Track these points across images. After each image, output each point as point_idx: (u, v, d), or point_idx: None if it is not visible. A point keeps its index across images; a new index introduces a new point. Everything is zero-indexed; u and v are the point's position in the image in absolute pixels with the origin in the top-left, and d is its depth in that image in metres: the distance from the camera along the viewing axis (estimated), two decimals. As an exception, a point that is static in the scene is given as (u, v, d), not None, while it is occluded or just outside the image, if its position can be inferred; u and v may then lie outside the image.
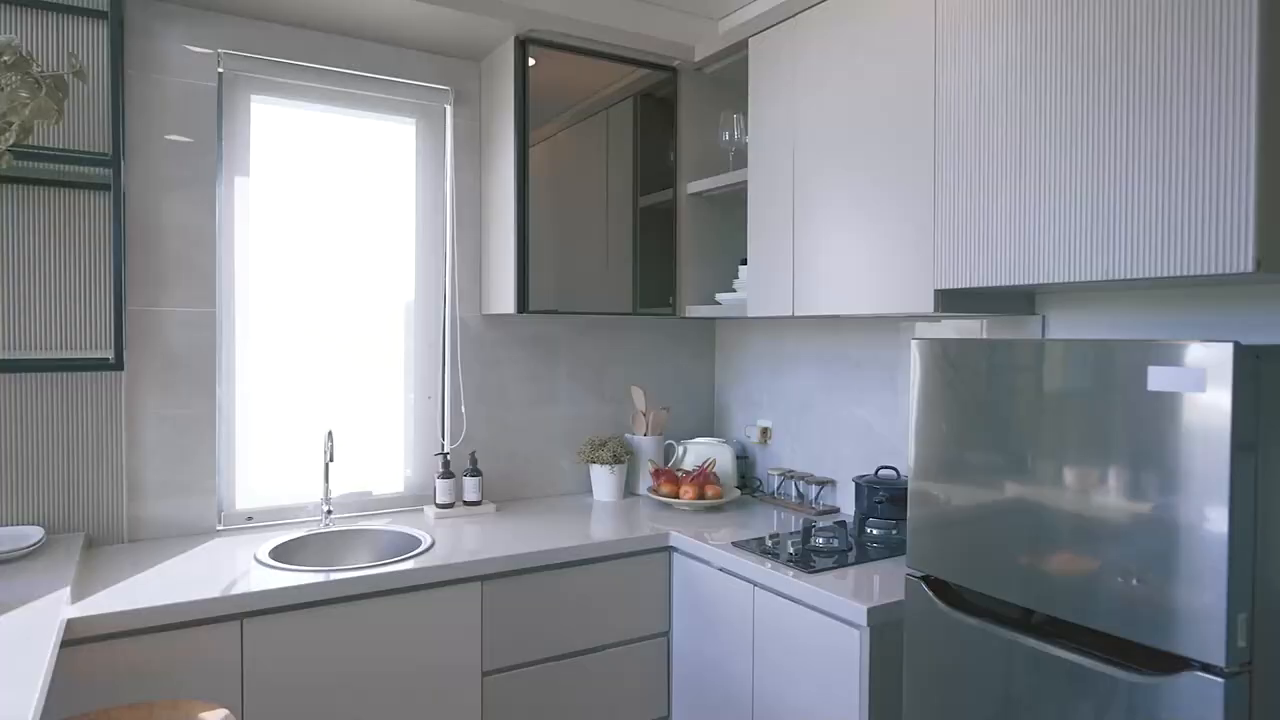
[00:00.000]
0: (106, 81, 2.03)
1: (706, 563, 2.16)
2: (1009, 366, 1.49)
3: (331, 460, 2.22)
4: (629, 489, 2.77)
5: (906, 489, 1.69)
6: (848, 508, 2.48)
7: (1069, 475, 1.38)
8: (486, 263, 2.59)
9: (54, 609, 1.52)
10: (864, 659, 1.70)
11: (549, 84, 2.44)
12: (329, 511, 2.27)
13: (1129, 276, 1.42)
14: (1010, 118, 1.61)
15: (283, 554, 2.10)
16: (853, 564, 1.99)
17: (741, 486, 2.80)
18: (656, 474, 2.61)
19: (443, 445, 2.59)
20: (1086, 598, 1.35)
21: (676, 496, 2.53)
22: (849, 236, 2.01)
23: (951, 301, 1.81)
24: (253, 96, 2.31)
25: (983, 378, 1.53)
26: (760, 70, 2.31)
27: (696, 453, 2.75)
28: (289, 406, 2.39)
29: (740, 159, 2.58)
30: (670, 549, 2.30)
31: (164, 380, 2.16)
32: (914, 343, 1.67)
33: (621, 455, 2.66)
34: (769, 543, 2.14)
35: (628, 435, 2.79)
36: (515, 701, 2.08)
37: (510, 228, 2.41)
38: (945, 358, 1.60)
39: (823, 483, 2.54)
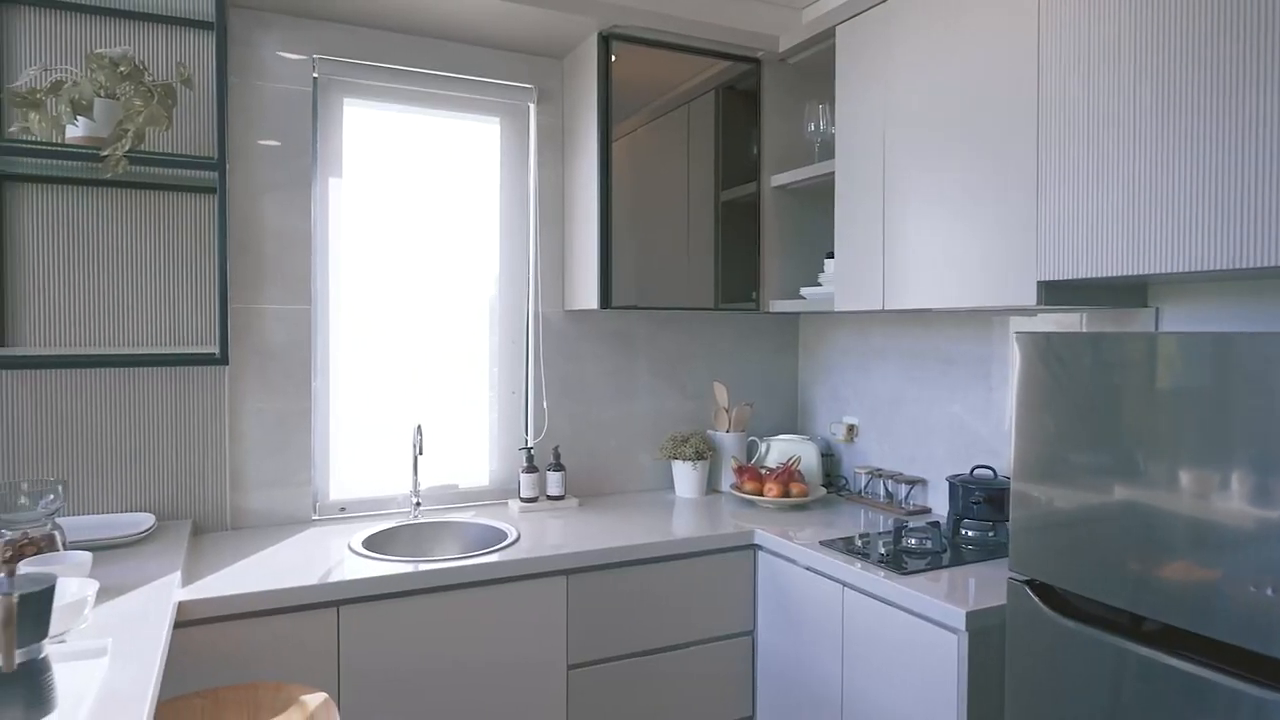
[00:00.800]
0: (212, 89, 2.12)
1: (793, 561, 2.12)
2: (1120, 361, 1.40)
3: (421, 453, 2.26)
4: (711, 486, 2.75)
5: (1005, 489, 1.62)
6: (939, 508, 2.40)
7: (1185, 477, 1.30)
8: (569, 259, 2.61)
9: (167, 592, 1.59)
10: (962, 664, 1.63)
11: (630, 79, 2.43)
12: (418, 504, 2.32)
13: (1255, 265, 1.32)
14: (1121, 97, 1.52)
15: (375, 544, 2.16)
16: (947, 566, 1.92)
17: (826, 485, 2.74)
18: (740, 471, 2.57)
19: (526, 440, 2.62)
20: (1208, 606, 1.26)
21: (760, 494, 2.49)
22: (943, 227, 1.94)
23: (1055, 294, 1.72)
24: (345, 100, 2.38)
25: (1090, 373, 1.45)
26: (848, 58, 2.26)
27: (780, 450, 2.70)
28: (379, 401, 2.45)
29: (826, 150, 2.52)
30: (755, 547, 2.27)
31: (263, 375, 2.25)
32: (1016, 336, 1.59)
33: (704, 452, 2.64)
34: (859, 542, 2.08)
35: (709, 431, 2.76)
36: (599, 696, 2.08)
37: (593, 223, 2.42)
38: (1050, 352, 1.52)
39: (913, 482, 2.46)
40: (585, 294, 2.48)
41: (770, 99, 2.64)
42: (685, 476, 2.65)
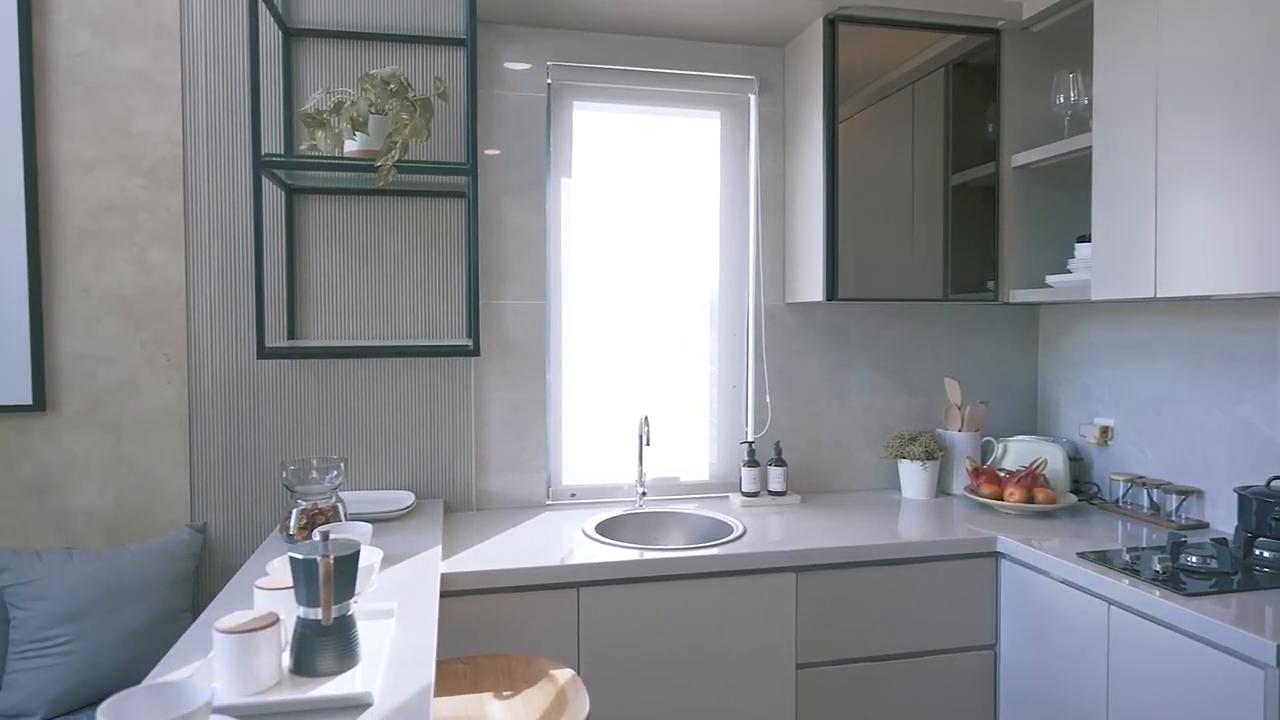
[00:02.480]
0: (464, 101, 2.29)
1: (1044, 573, 1.95)
2: None
3: (649, 444, 2.31)
4: (941, 487, 2.60)
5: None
6: (1220, 524, 2.11)
7: None
8: (791, 250, 2.56)
9: (433, 563, 1.73)
10: (1271, 704, 1.42)
11: (851, 63, 2.34)
12: (643, 493, 2.38)
13: None
14: None
15: (606, 530, 2.23)
16: (1237, 590, 1.68)
17: (1075, 491, 2.50)
18: (975, 473, 2.41)
19: (747, 434, 2.60)
20: None
21: (1000, 498, 2.32)
22: (1235, 202, 1.69)
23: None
24: (574, 103, 2.48)
25: None
26: (1109, 18, 2.03)
27: (1019, 451, 2.50)
28: (605, 392, 2.54)
29: (1078, 124, 2.29)
30: (998, 555, 2.11)
31: (504, 366, 2.39)
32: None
33: (934, 451, 2.49)
34: (1126, 557, 1.87)
35: (939, 430, 2.61)
36: (829, 698, 2.02)
37: (818, 213, 2.36)
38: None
39: (1185, 492, 2.18)
40: (808, 286, 2.43)
41: (1011, 72, 2.44)
42: (913, 477, 2.52)
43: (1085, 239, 2.22)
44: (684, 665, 1.94)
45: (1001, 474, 2.38)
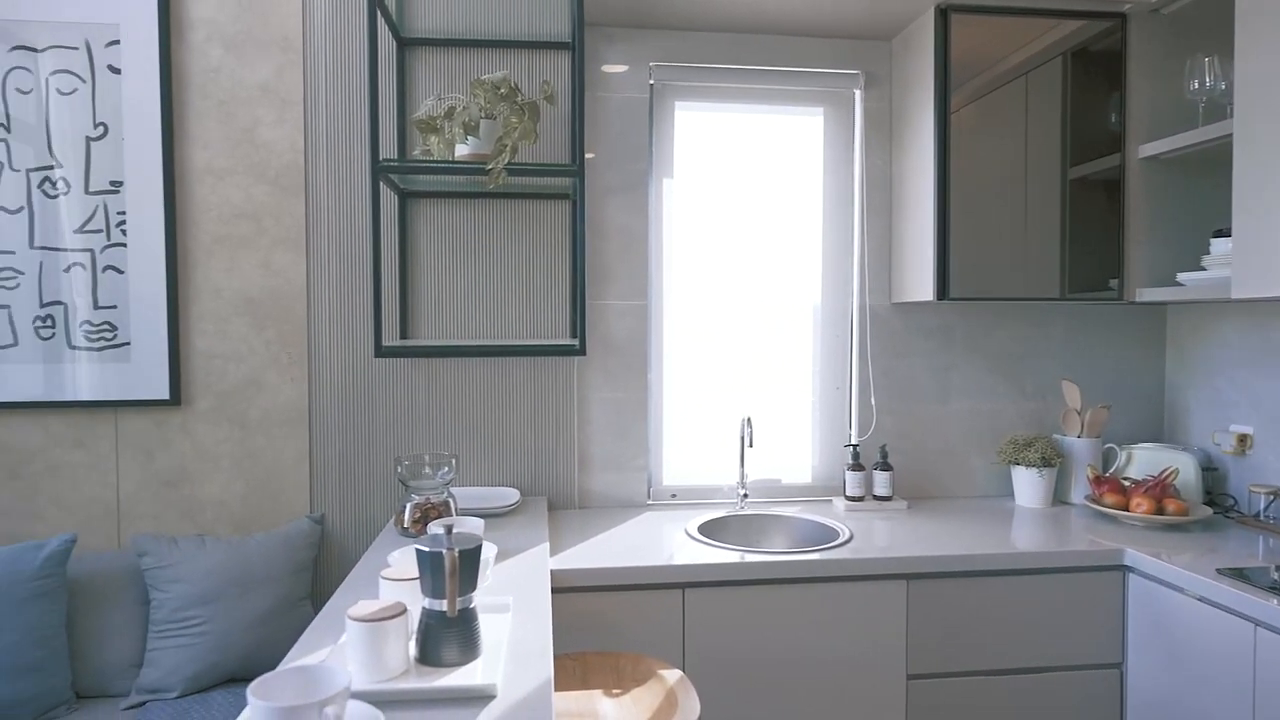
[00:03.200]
0: (568, 103, 2.33)
1: (1180, 590, 1.83)
2: None
3: (751, 445, 2.29)
4: (1058, 496, 2.47)
5: None
6: (1381, 541, 1.94)
7: None
8: (897, 249, 2.49)
9: (542, 559, 1.76)
10: None
11: (961, 54, 2.26)
12: (745, 495, 2.35)
13: None
14: None
15: (707, 532, 2.22)
16: (1407, 615, 1.54)
17: (1208, 503, 2.34)
18: (1098, 481, 2.28)
19: (850, 436, 2.54)
20: None
21: (1125, 509, 2.19)
22: None
23: None
24: (676, 103, 2.48)
25: None
26: (1256, -4, 1.89)
27: (1144, 460, 2.36)
28: (706, 393, 2.52)
29: (1214, 111, 2.15)
30: (1124, 568, 1.99)
31: (606, 366, 2.41)
32: None
33: (1051, 458, 2.38)
34: (1276, 575, 1.74)
35: (1056, 436, 2.48)
36: (941, 712, 1.95)
37: (927, 211, 2.28)
38: None
39: (1339, 507, 2.01)
40: (916, 285, 2.35)
41: (1138, 57, 2.31)
42: (1028, 484, 2.41)
43: (1222, 233, 2.08)
44: (791, 670, 1.91)
45: (1127, 483, 2.26)
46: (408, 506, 1.93)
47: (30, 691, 1.84)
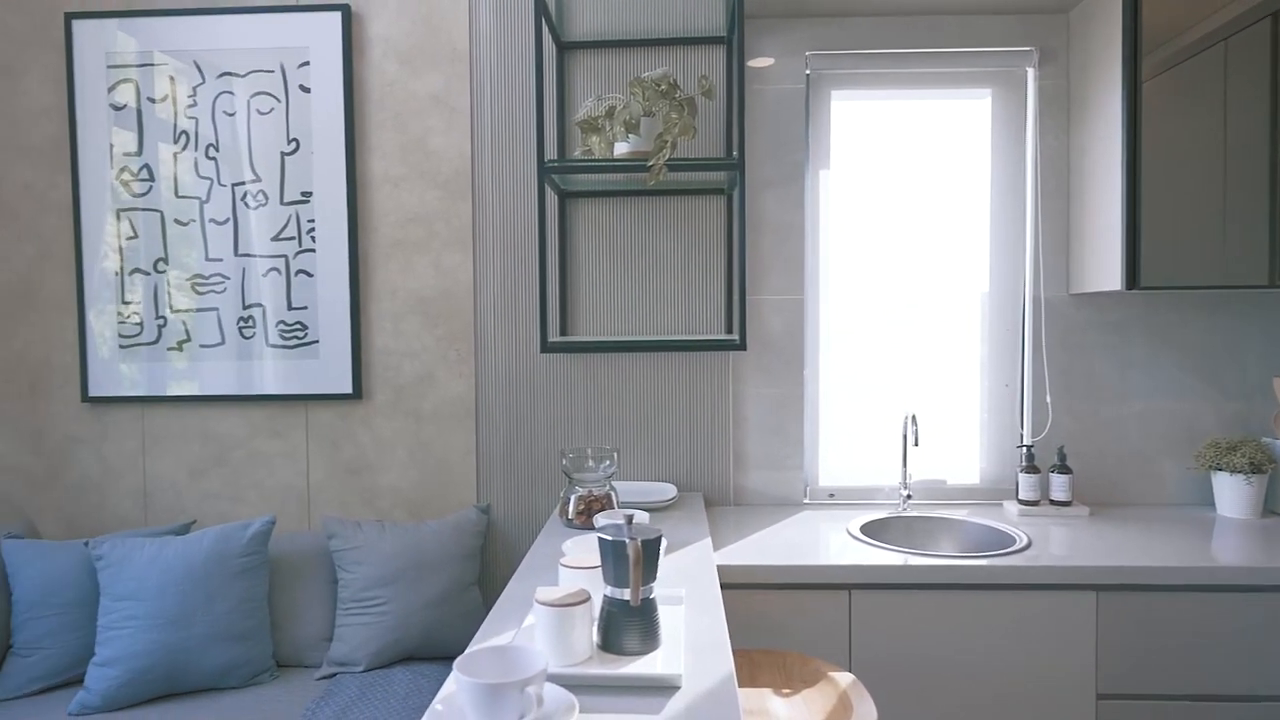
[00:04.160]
0: (723, 98, 2.32)
1: None
2: None
3: (916, 444, 2.20)
4: (1268, 505, 2.23)
5: None
6: None
7: None
8: (1077, 236, 2.32)
9: (706, 554, 1.76)
10: None
11: (1148, 23, 2.07)
12: (908, 496, 2.26)
13: None
14: None
15: (870, 532, 2.15)
16: None
17: None
18: (1320, 490, 2.04)
19: (1023, 437, 2.40)
20: None
21: (1356, 522, 1.95)
22: None
23: None
24: (833, 92, 2.42)
25: None
26: None
27: (1379, 467, 2.08)
28: (865, 390, 2.45)
29: None
30: (1359, 589, 1.77)
31: (762, 362, 2.39)
32: None
33: (1262, 464, 2.15)
34: None
35: (1266, 439, 2.24)
36: (1135, 735, 1.81)
37: (1114, 193, 2.11)
38: None
39: None
40: (1100, 274, 2.18)
41: (1371, 13, 2.04)
42: (1233, 491, 2.18)
43: None
44: (966, 681, 1.82)
45: (1356, 493, 2.00)
46: (572, 498, 1.98)
47: (242, 658, 2.02)
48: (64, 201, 2.42)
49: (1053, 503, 2.25)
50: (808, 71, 2.38)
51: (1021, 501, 2.26)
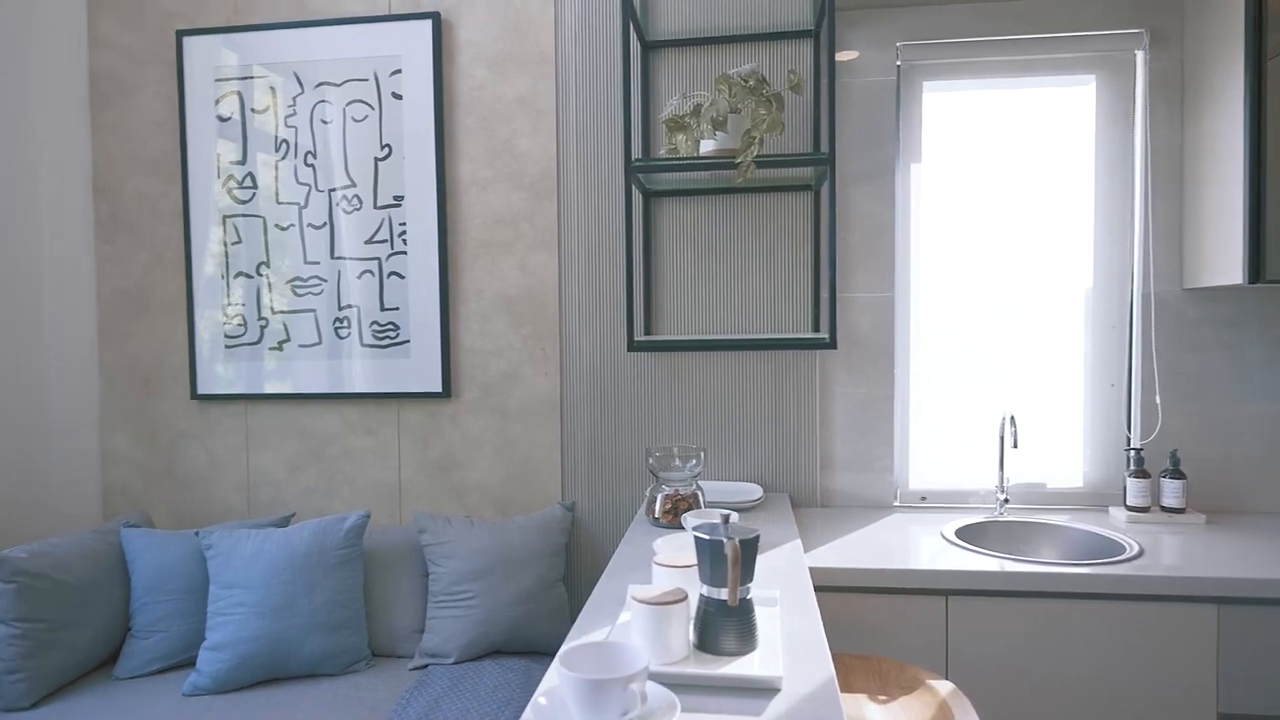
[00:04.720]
0: (814, 91, 2.28)
1: None
2: None
3: (1015, 446, 2.11)
4: None
5: None
6: None
7: None
8: (1192, 228, 2.19)
9: (797, 556, 1.72)
10: None
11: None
12: (1005, 500, 2.18)
13: None
14: None
15: (966, 537, 2.08)
16: None
17: None
18: None
19: (1130, 440, 2.27)
20: None
21: None
22: None
23: None
24: (924, 84, 2.35)
25: None
26: None
27: None
28: (958, 390, 2.37)
29: None
30: None
31: (850, 361, 2.33)
32: None
33: (1404, 470, 1.98)
34: None
35: None
36: (1261, 759, 1.69)
37: (1235, 180, 1.98)
38: None
39: None
40: (1219, 268, 2.05)
41: None
42: (1370, 500, 2.02)
43: None
44: (1072, 693, 1.73)
45: None
46: (659, 497, 1.98)
47: (339, 647, 2.09)
48: (174, 210, 2.55)
49: (1164, 509, 2.13)
50: (898, 63, 2.31)
51: (1129, 508, 2.14)
